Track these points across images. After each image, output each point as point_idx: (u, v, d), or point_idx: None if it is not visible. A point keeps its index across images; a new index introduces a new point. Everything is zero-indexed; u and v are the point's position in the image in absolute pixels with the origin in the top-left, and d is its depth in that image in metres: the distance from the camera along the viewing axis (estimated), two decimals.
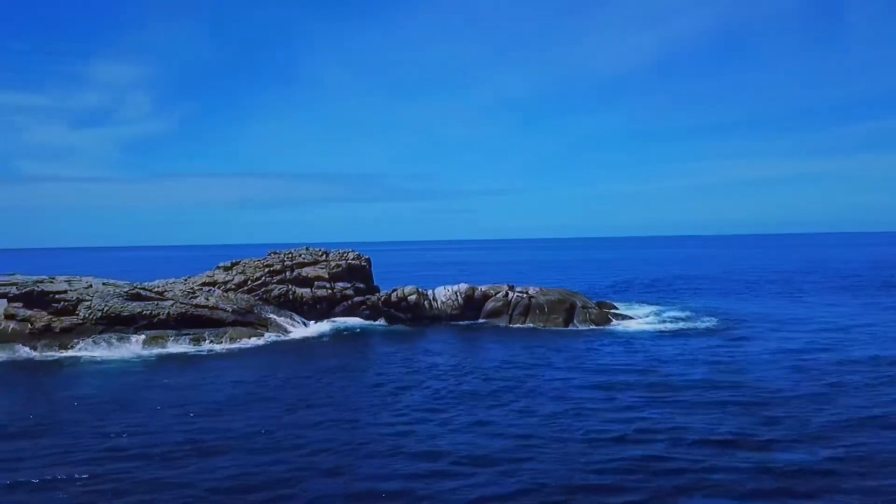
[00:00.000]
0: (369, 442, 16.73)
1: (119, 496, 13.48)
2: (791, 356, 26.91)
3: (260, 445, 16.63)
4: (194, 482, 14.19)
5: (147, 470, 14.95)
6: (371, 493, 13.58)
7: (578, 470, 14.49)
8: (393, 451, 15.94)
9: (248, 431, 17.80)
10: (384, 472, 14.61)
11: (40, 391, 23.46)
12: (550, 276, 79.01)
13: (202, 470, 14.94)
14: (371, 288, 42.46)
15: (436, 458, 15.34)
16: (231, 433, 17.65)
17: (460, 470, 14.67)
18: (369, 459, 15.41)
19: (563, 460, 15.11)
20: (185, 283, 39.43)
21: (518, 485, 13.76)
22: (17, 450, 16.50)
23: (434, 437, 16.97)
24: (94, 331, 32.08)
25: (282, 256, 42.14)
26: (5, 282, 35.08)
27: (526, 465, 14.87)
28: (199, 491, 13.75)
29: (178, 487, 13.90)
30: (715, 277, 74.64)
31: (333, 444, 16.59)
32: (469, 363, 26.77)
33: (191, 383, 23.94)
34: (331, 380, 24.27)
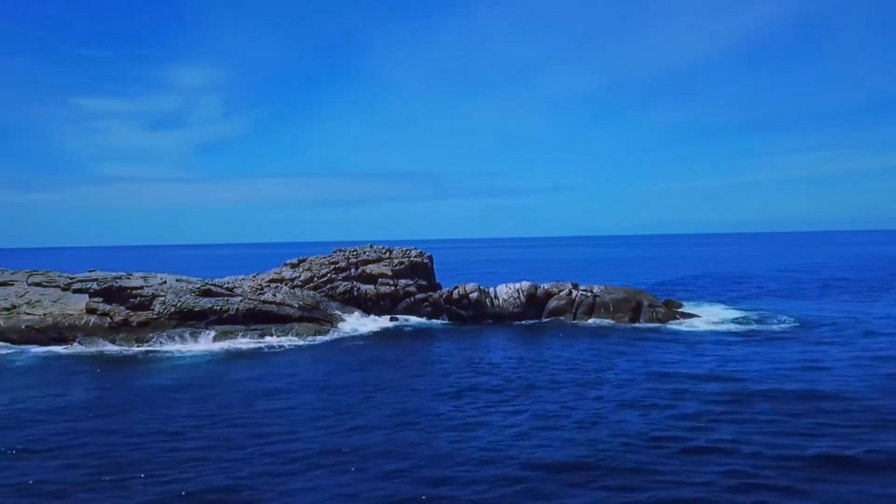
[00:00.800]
0: (432, 440, 16.73)
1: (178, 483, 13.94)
2: (883, 364, 24.79)
3: (324, 439, 16.88)
4: (257, 473, 14.53)
5: (210, 462, 15.40)
6: (432, 491, 13.59)
7: (642, 479, 14.07)
8: (455, 450, 15.86)
9: (313, 426, 18.11)
10: (446, 472, 14.57)
11: (118, 383, 24.50)
12: (616, 273, 77.54)
13: (264, 458, 15.29)
14: (433, 285, 42.65)
15: (497, 461, 15.18)
16: (296, 427, 18.00)
17: (521, 474, 14.46)
18: (432, 458, 15.37)
19: (628, 467, 14.72)
20: (254, 280, 40.55)
21: (579, 493, 13.49)
22: (91, 436, 17.27)
23: (497, 437, 16.78)
24: (168, 325, 33.34)
25: (347, 254, 42.80)
26: (86, 278, 36.90)
27: (590, 471, 14.48)
28: (262, 488, 14.07)
29: (241, 479, 14.26)
30: (790, 277, 71.60)
31: (396, 441, 16.68)
32: (532, 362, 26.48)
33: (258, 377, 24.57)
34: (394, 376, 24.45)
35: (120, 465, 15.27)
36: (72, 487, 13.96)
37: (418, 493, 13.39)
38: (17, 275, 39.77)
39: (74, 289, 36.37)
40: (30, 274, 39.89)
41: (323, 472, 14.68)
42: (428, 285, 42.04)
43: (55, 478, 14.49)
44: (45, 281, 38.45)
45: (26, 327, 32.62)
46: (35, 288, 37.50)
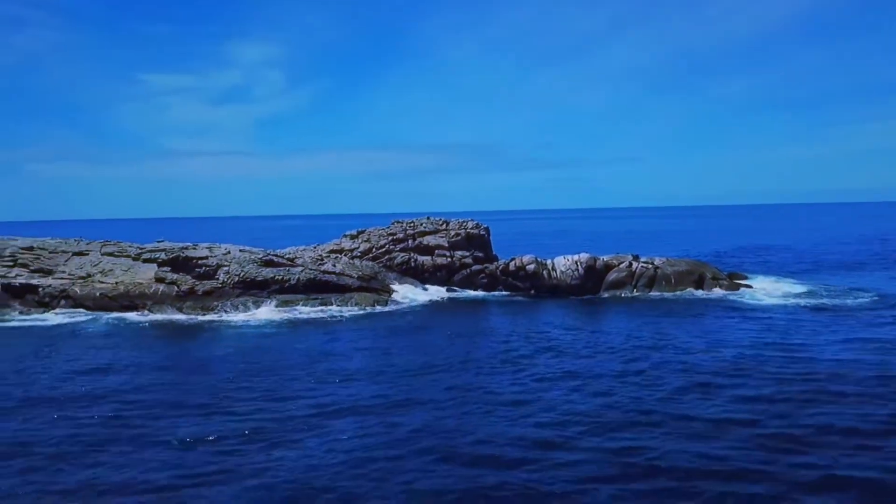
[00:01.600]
0: (487, 415, 16.66)
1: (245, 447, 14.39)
2: None
3: (380, 410, 17.13)
4: (315, 437, 14.87)
5: (278, 425, 15.83)
6: (490, 457, 13.63)
7: (700, 453, 13.74)
8: (508, 427, 15.62)
9: (370, 394, 18.41)
10: (498, 450, 14.46)
11: (183, 349, 25.44)
12: (677, 245, 75.68)
13: (323, 431, 15.62)
14: (490, 257, 42.52)
15: (551, 440, 15.02)
16: (353, 396, 18.32)
17: (576, 443, 14.38)
18: (485, 434, 15.23)
19: (684, 440, 14.41)
20: (314, 251, 41.28)
21: (633, 465, 13.27)
22: (159, 403, 18.00)
23: (552, 414, 16.53)
24: (232, 294, 34.32)
25: (404, 225, 43.03)
26: (155, 248, 38.23)
27: (645, 442, 14.28)
28: (321, 453, 14.39)
29: (296, 443, 14.63)
30: (865, 250, 68.38)
31: (449, 414, 16.78)
32: (591, 334, 26.19)
33: (317, 346, 25.10)
34: (449, 348, 24.57)
35: (182, 428, 15.88)
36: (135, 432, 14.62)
37: (469, 471, 13.28)
38: (92, 245, 41.57)
39: (144, 258, 37.75)
40: (103, 244, 41.64)
41: (374, 440, 14.91)
42: (484, 257, 41.95)
43: (130, 414, 15.20)
44: (117, 251, 40.08)
45: (100, 295, 34.11)
46: (108, 258, 39.14)
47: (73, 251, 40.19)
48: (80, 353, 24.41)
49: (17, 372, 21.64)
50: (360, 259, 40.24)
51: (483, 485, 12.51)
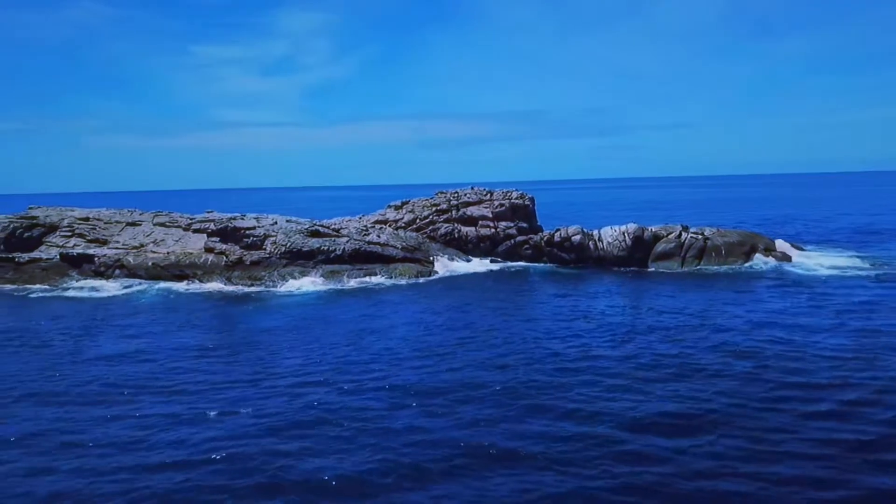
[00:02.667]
0: (526, 388, 16.57)
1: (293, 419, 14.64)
2: None
3: (422, 378, 17.20)
4: (370, 406, 15.04)
5: (316, 394, 16.07)
6: (517, 443, 13.57)
7: (753, 437, 13.37)
8: (549, 401, 15.37)
9: (411, 365, 18.49)
10: (536, 424, 14.41)
11: (231, 318, 25.98)
12: (729, 215, 73.68)
13: (378, 397, 15.79)
14: (534, 228, 42.11)
15: (590, 415, 14.86)
16: (396, 366, 18.44)
17: (617, 433, 14.06)
18: (524, 407, 15.14)
19: (737, 422, 14.05)
20: (359, 222, 41.53)
21: (690, 451, 13.02)
22: (204, 372, 18.45)
23: (593, 389, 16.22)
24: (279, 264, 34.84)
25: (448, 196, 42.87)
26: (205, 218, 39.02)
27: (694, 434, 13.57)
28: (373, 418, 14.54)
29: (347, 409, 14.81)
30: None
31: (490, 386, 16.72)
32: (638, 308, 25.72)
33: (362, 316, 25.31)
34: (492, 319, 24.48)
35: (227, 399, 16.24)
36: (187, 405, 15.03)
37: (505, 443, 13.18)
38: (145, 215, 42.70)
39: (194, 229, 38.60)
40: (155, 215, 42.72)
41: (415, 412, 14.97)
42: (529, 228, 41.55)
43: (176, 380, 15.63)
44: (169, 221, 41.07)
45: (152, 264, 35.05)
46: (160, 228, 40.16)
47: (126, 221, 41.37)
48: (130, 322, 25.18)
49: (72, 339, 22.46)
50: (404, 230, 40.34)
51: (525, 478, 12.42)
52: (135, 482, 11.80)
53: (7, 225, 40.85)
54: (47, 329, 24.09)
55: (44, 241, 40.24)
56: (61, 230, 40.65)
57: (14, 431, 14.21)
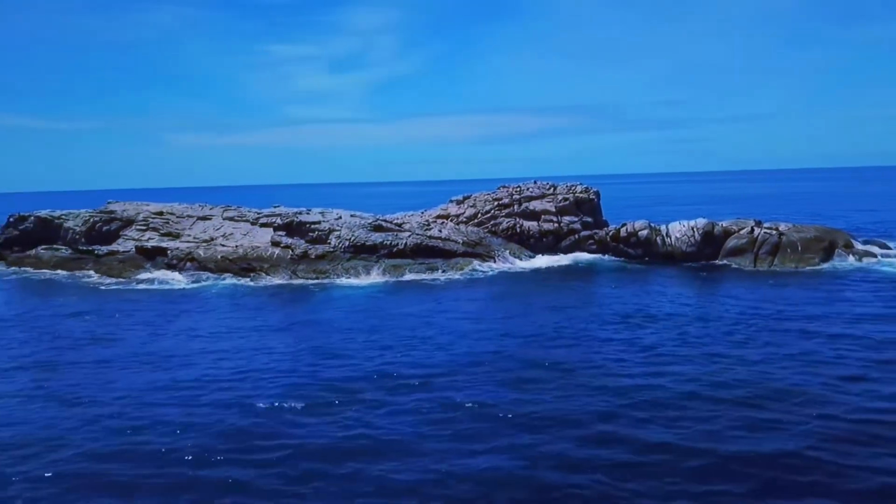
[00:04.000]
0: (585, 393, 15.95)
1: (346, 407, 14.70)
2: None
3: (487, 375, 17.01)
4: (420, 401, 14.96)
5: (374, 386, 16.09)
6: (597, 434, 13.20)
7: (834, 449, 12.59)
8: (611, 409, 14.44)
9: (472, 361, 18.31)
10: (588, 435, 13.98)
11: (297, 310, 26.41)
12: (807, 210, 70.44)
13: (426, 396, 15.70)
14: (599, 222, 41.26)
15: (656, 426, 14.34)
16: (454, 362, 18.30)
17: (690, 465, 13.55)
18: (584, 414, 14.49)
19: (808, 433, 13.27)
20: (421, 216, 41.62)
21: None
22: (278, 361, 18.76)
23: (660, 394, 15.52)
24: (343, 258, 35.28)
25: (510, 190, 42.45)
26: (272, 213, 39.90)
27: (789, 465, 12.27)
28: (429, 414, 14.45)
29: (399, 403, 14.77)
30: None
31: (547, 386, 16.37)
32: (708, 308, 24.63)
33: (426, 310, 25.29)
34: (556, 315, 23.98)
35: (294, 383, 16.45)
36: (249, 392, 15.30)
37: (562, 448, 12.71)
38: (215, 210, 44.00)
39: (261, 223, 39.49)
40: (224, 209, 43.95)
41: (463, 413, 14.79)
42: (594, 222, 40.74)
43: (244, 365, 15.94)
44: (237, 216, 42.16)
45: (221, 258, 36.05)
46: (228, 222, 41.27)
47: (197, 216, 42.71)
48: (200, 314, 25.95)
49: (146, 329, 23.30)
50: (466, 224, 40.17)
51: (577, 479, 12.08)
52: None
53: (88, 219, 42.83)
54: (120, 320, 25.05)
55: (121, 234, 41.99)
56: (137, 224, 42.32)
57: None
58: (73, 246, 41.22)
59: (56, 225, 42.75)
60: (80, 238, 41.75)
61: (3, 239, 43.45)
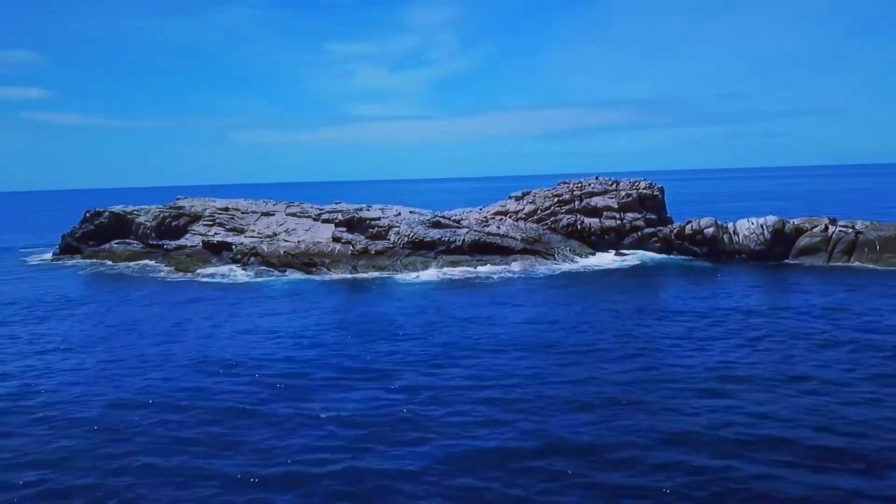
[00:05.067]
0: (643, 402, 15.35)
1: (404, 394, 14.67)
2: None
3: (527, 376, 16.74)
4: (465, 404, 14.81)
5: (420, 372, 16.03)
6: (673, 436, 12.78)
7: None
8: (681, 426, 13.46)
9: (522, 358, 18.04)
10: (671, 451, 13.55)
11: (356, 303, 26.63)
12: (887, 207, 66.91)
13: (474, 398, 15.53)
14: (663, 219, 40.19)
15: (716, 438, 13.66)
16: (510, 365, 18.05)
17: (755, 469, 12.61)
18: (666, 423, 14.02)
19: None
20: (480, 213, 41.43)
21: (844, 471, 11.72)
22: (338, 348, 18.95)
23: (732, 401, 14.90)
24: (402, 254, 35.44)
25: (571, 186, 41.82)
26: (333, 209, 40.44)
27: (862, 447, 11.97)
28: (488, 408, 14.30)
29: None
30: None
31: (627, 390, 15.94)
32: (782, 308, 23.59)
33: (481, 305, 25.11)
34: (617, 318, 23.37)
35: (348, 368, 16.56)
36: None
37: (608, 455, 12.29)
38: (278, 206, 44.94)
39: (323, 219, 40.10)
40: (287, 205, 44.83)
41: (499, 408, 14.53)
42: (657, 219, 39.71)
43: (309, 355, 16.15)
44: (300, 212, 42.93)
45: (284, 253, 36.75)
46: (291, 218, 42.07)
47: (261, 212, 43.71)
48: (262, 306, 26.46)
49: (209, 318, 23.91)
50: (525, 221, 39.78)
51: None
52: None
53: (158, 214, 44.39)
54: (185, 311, 25.80)
55: (189, 229, 43.36)
56: (204, 220, 43.61)
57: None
58: (145, 240, 42.83)
59: (129, 220, 44.49)
60: (150, 233, 43.32)
61: (80, 233, 45.48)
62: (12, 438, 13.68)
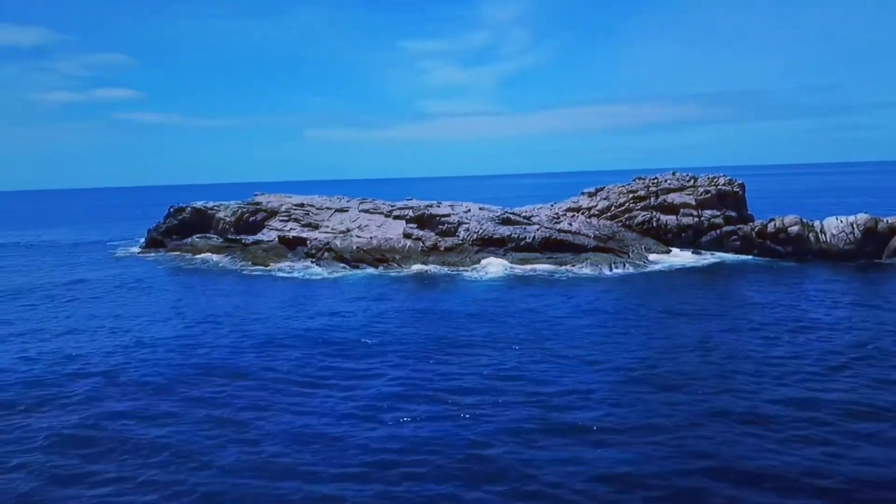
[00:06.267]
0: (716, 417, 14.71)
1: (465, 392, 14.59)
2: None
3: (588, 377, 16.35)
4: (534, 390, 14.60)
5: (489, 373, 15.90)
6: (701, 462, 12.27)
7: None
8: (749, 443, 12.72)
9: (585, 361, 17.66)
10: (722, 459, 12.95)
11: (422, 302, 26.73)
12: None
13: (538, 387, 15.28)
14: (743, 217, 38.62)
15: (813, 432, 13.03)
16: (568, 361, 17.72)
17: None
18: (747, 437, 13.50)
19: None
20: (551, 209, 40.90)
21: None
22: (409, 341, 19.09)
23: (815, 412, 14.10)
24: (471, 251, 35.40)
25: (647, 182, 40.76)
26: (404, 206, 40.78)
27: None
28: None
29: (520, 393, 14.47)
30: None
31: (664, 397, 15.40)
32: (875, 317, 21.89)
33: (549, 305, 24.75)
34: (696, 322, 22.47)
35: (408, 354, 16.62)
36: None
37: (684, 465, 11.88)
38: (352, 202, 45.66)
39: (394, 215, 40.50)
40: (360, 202, 45.50)
41: (557, 412, 14.20)
42: (737, 217, 38.19)
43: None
44: (372, 208, 43.50)
45: (356, 248, 37.33)
46: (364, 214, 42.68)
47: (335, 208, 44.53)
48: (333, 300, 26.95)
49: (284, 308, 24.52)
50: (598, 218, 39.04)
51: None
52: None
53: (236, 210, 45.91)
54: (263, 305, 26.55)
55: (265, 224, 44.66)
56: (280, 215, 44.80)
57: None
58: (224, 235, 44.38)
59: (209, 215, 46.20)
60: (229, 228, 44.85)
61: (164, 228, 47.61)
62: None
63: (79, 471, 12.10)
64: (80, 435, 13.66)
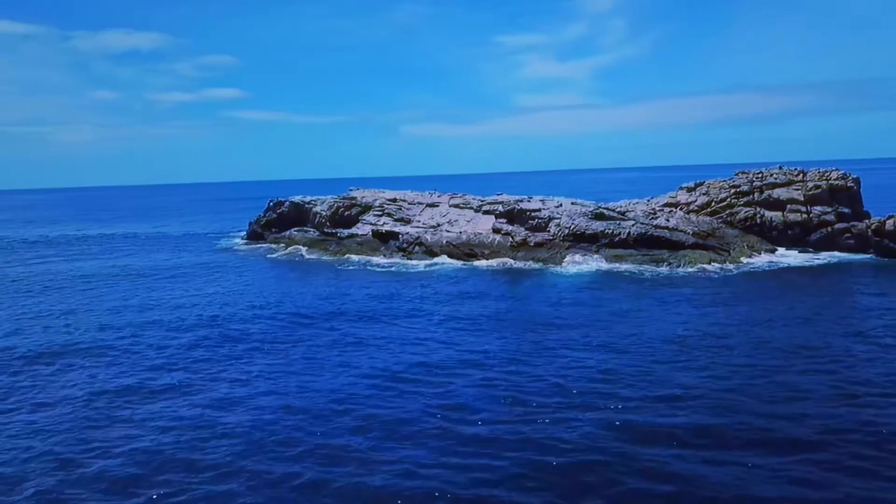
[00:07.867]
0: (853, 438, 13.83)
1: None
2: None
3: (709, 394, 15.61)
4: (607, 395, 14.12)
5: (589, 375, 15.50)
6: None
7: None
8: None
9: (672, 367, 16.90)
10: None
11: (508, 299, 26.51)
12: None
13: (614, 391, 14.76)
14: (858, 214, 35.98)
15: None
16: (659, 367, 17.02)
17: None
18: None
19: None
20: (647, 204, 39.61)
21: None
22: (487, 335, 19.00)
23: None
24: (562, 246, 34.82)
25: (750, 177, 38.72)
26: (494, 200, 40.62)
27: None
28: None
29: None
30: None
31: (757, 407, 14.46)
32: None
33: (645, 307, 23.89)
34: (802, 332, 20.64)
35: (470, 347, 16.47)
36: None
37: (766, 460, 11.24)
38: (442, 197, 45.93)
39: (484, 210, 40.42)
40: (451, 197, 45.69)
41: (648, 413, 13.55)
42: (851, 214, 35.63)
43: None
44: (462, 203, 43.58)
45: (446, 243, 37.54)
46: (454, 209, 42.83)
47: (427, 203, 44.91)
48: (419, 292, 27.19)
49: (376, 301, 24.97)
50: (697, 214, 37.44)
51: None
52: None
53: (332, 204, 47.17)
54: (358, 296, 27.15)
55: (360, 219, 45.62)
56: (373, 210, 45.65)
57: None
58: (320, 229, 45.74)
59: (306, 210, 47.73)
60: (325, 222, 46.16)
61: (264, 221, 49.66)
62: None
63: None
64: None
